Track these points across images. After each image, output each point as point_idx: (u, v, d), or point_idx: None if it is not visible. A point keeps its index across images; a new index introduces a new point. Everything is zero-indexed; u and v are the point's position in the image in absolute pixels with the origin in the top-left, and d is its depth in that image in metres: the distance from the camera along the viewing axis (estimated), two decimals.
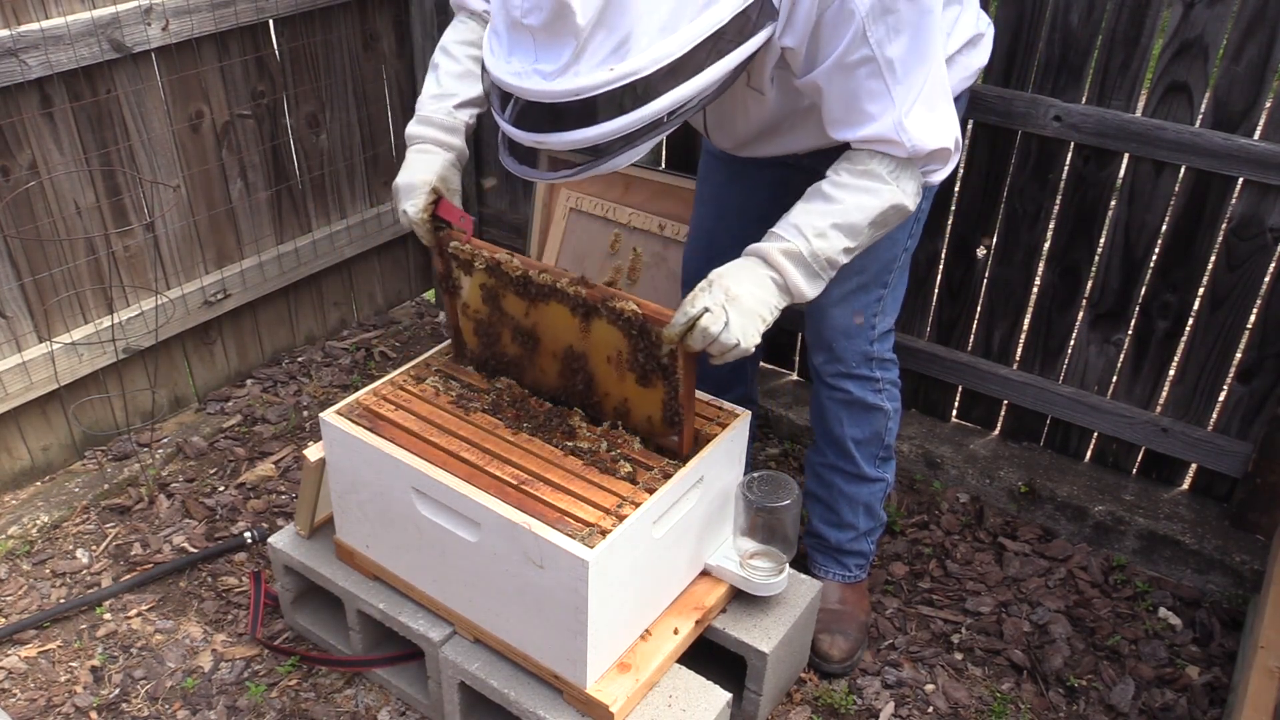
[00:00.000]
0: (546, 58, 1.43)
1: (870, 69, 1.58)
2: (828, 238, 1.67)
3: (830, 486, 2.25)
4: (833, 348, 2.10)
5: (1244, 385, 2.40)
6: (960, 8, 1.88)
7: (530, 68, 1.45)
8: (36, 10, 2.32)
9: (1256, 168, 2.19)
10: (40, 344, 2.56)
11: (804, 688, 2.20)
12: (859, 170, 1.69)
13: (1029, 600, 2.43)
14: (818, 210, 1.68)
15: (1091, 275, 2.50)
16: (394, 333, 3.39)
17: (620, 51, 1.41)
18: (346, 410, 1.98)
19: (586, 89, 1.42)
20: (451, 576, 1.91)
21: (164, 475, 2.74)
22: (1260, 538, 2.45)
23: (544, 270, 1.88)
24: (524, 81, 1.46)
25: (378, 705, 2.15)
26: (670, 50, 1.43)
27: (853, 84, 1.60)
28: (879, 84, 1.59)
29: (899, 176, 1.68)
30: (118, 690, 2.17)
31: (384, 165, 3.28)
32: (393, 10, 3.10)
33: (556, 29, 1.39)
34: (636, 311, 1.77)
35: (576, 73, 1.42)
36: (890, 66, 1.58)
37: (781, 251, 1.68)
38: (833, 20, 1.55)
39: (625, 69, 1.41)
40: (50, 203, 2.48)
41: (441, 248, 1.99)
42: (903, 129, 1.62)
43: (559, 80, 1.43)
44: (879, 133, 1.63)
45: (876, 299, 2.06)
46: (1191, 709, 2.18)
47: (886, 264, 2.03)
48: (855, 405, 2.15)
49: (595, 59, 1.41)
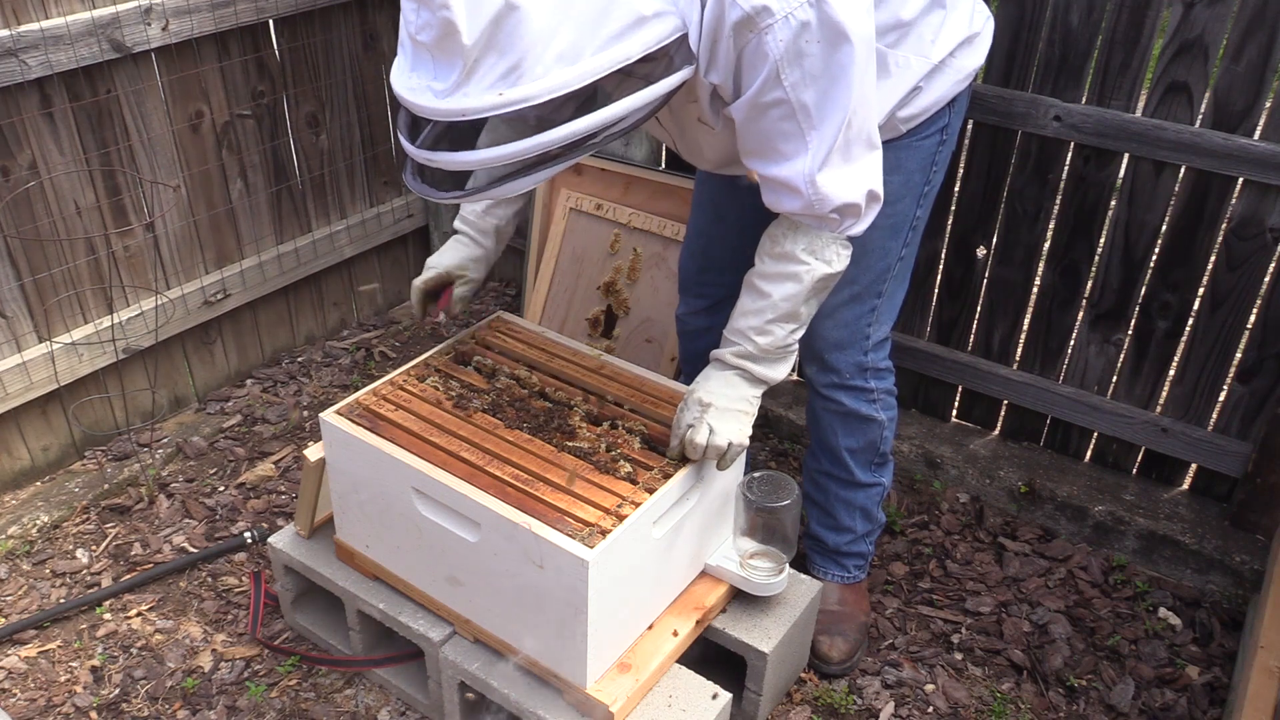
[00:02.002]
0: (440, 75, 1.42)
1: (783, 110, 1.56)
2: (770, 333, 1.78)
3: (826, 491, 2.25)
4: (825, 359, 2.08)
5: (1244, 385, 2.40)
6: (944, 11, 1.84)
7: (424, 84, 1.44)
8: (36, 10, 2.32)
9: (1256, 168, 2.19)
10: (40, 344, 2.57)
11: (804, 688, 2.20)
12: (778, 254, 1.74)
13: (1029, 600, 2.43)
14: (753, 310, 1.78)
15: (1091, 275, 2.50)
16: (394, 333, 3.39)
17: (511, 76, 1.39)
18: (346, 410, 1.98)
19: (474, 110, 1.41)
20: (451, 576, 1.91)
21: (164, 475, 2.74)
22: (1260, 538, 2.45)
23: (559, 388, 2.06)
24: (417, 97, 1.45)
25: (378, 705, 2.15)
26: (566, 80, 1.40)
27: (766, 123, 1.59)
28: (792, 125, 1.58)
29: (815, 250, 1.72)
30: (118, 690, 2.17)
31: (384, 165, 3.28)
32: (392, 10, 3.10)
33: (446, 47, 1.38)
34: (644, 433, 1.95)
35: (465, 93, 1.40)
36: (805, 110, 1.56)
37: (734, 355, 1.81)
38: (750, 59, 1.53)
39: (515, 95, 1.39)
40: (50, 203, 2.48)
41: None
42: (812, 184, 1.62)
43: (448, 99, 1.41)
44: (787, 177, 1.63)
45: (870, 309, 2.04)
46: (1191, 709, 2.18)
47: (880, 274, 2.00)
48: (849, 416, 2.13)
49: (485, 82, 1.39)
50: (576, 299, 2.90)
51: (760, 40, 1.50)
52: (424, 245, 3.52)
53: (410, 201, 3.38)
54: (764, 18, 1.48)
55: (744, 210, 2.11)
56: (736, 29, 1.50)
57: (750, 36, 1.50)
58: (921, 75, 1.83)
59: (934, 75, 1.84)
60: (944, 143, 1.95)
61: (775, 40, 1.49)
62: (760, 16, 1.47)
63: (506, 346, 2.17)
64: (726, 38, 1.51)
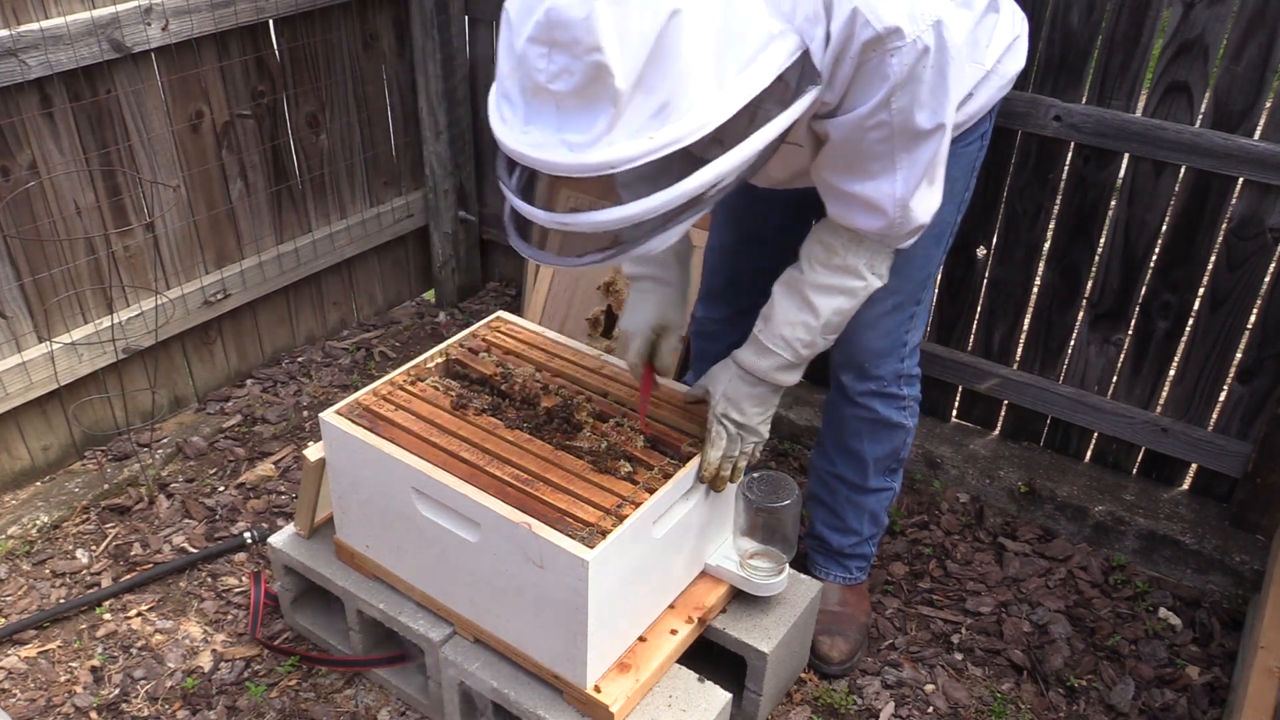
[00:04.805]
0: (575, 126, 1.24)
1: (883, 132, 1.52)
2: (815, 345, 1.77)
3: (836, 493, 2.24)
4: (865, 368, 2.05)
5: (1244, 385, 2.40)
6: (997, 15, 1.79)
7: (556, 138, 1.25)
8: (36, 10, 2.32)
9: (1256, 168, 2.19)
10: (40, 344, 2.57)
11: (804, 688, 2.20)
12: (836, 265, 1.68)
13: (1029, 600, 2.43)
14: (799, 321, 1.74)
15: (1091, 275, 2.50)
16: (394, 333, 3.39)
17: (661, 116, 1.23)
18: (346, 410, 1.98)
19: (624, 161, 1.24)
20: (451, 576, 1.91)
21: (164, 475, 2.74)
22: (1260, 538, 2.45)
23: (560, 387, 2.04)
24: (548, 154, 1.26)
25: (378, 705, 2.15)
26: (714, 116, 1.27)
27: (864, 143, 1.54)
28: (887, 146, 1.54)
29: (875, 265, 1.70)
30: (118, 690, 2.17)
31: (384, 165, 3.28)
32: (392, 10, 3.10)
33: (590, 94, 1.21)
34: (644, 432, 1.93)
35: (611, 142, 1.23)
36: (905, 134, 1.52)
37: (771, 366, 1.79)
38: (867, 77, 1.46)
39: (666, 137, 1.24)
40: (50, 203, 2.48)
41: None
42: (903, 207, 1.59)
43: (590, 152, 1.24)
44: (872, 197, 1.59)
45: (910, 316, 2.01)
46: (1191, 709, 2.18)
47: (921, 282, 1.98)
48: (879, 423, 2.12)
49: (632, 126, 1.23)
50: (576, 299, 2.90)
51: (883, 61, 1.43)
52: (424, 245, 3.53)
53: (410, 201, 3.38)
54: (894, 39, 1.42)
55: (770, 226, 2.09)
56: (864, 47, 1.42)
57: (874, 55, 1.43)
58: (975, 81, 1.78)
59: (984, 81, 1.80)
60: (983, 149, 1.93)
61: (899, 63, 1.44)
62: (891, 38, 1.41)
63: (506, 346, 2.17)
64: (851, 56, 1.44)
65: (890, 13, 1.41)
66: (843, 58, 1.44)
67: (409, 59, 3.21)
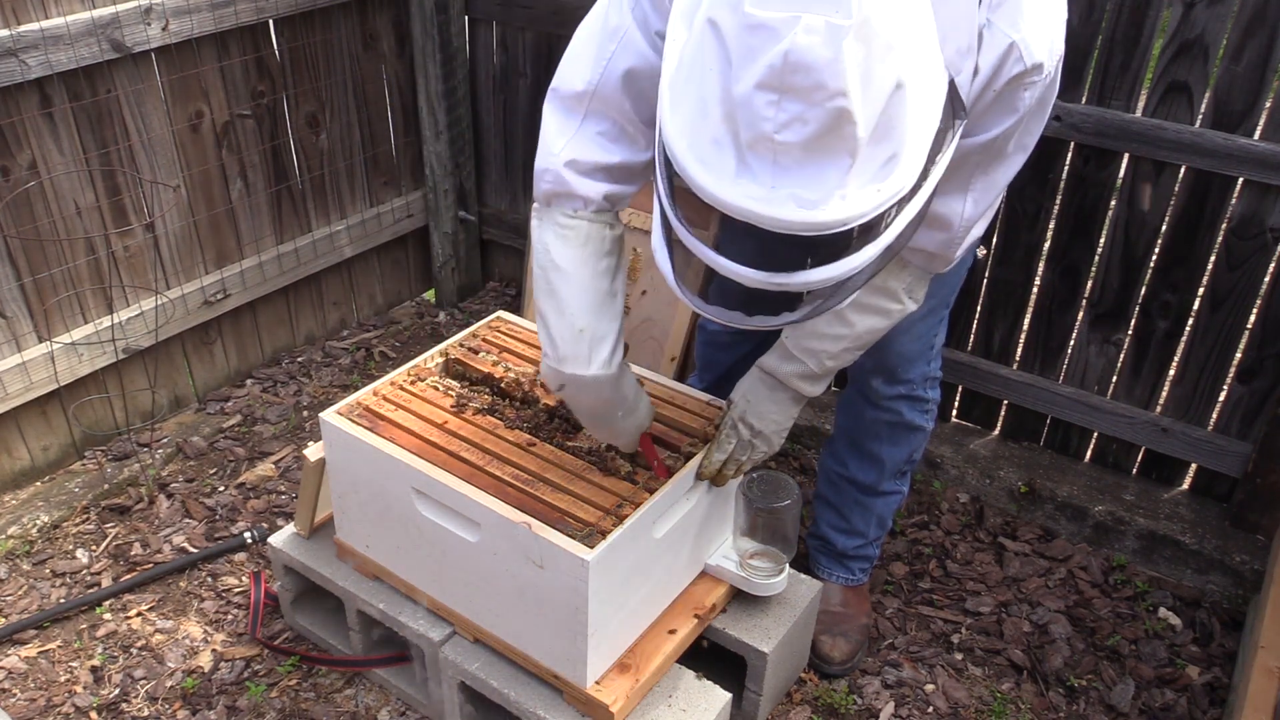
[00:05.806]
0: (803, 181, 1.12)
1: (985, 156, 1.50)
2: (841, 359, 1.77)
3: (844, 495, 2.23)
4: (895, 372, 2.05)
5: (1244, 385, 2.40)
6: None
7: (782, 192, 1.12)
8: (36, 10, 2.32)
9: (1256, 168, 2.19)
10: (40, 344, 2.56)
11: (804, 688, 2.20)
12: (875, 286, 1.61)
13: (1029, 600, 2.43)
14: (830, 335, 1.71)
15: (1091, 275, 2.50)
16: (394, 333, 3.39)
17: (889, 166, 1.14)
18: (346, 410, 1.98)
19: (857, 216, 1.13)
20: (451, 576, 1.91)
21: (164, 475, 2.74)
22: (1260, 538, 2.45)
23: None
24: (774, 210, 1.12)
25: (378, 705, 2.15)
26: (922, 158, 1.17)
27: (957, 166, 1.45)
28: (972, 170, 1.52)
29: (913, 289, 1.69)
30: (118, 690, 2.17)
31: (384, 165, 3.28)
32: (392, 10, 3.10)
33: (825, 145, 1.10)
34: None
35: (844, 197, 1.12)
36: (999, 159, 1.52)
37: (796, 374, 1.78)
38: (1000, 108, 1.43)
39: (891, 188, 1.15)
40: (50, 203, 2.48)
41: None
42: (970, 228, 1.59)
43: (824, 208, 1.12)
44: (942, 212, 1.56)
45: (940, 320, 2.03)
46: (1191, 709, 2.18)
47: (954, 287, 2.00)
48: (900, 426, 2.12)
49: (864, 178, 1.13)
50: None
51: (1016, 94, 1.42)
52: (424, 245, 3.53)
53: (410, 201, 3.38)
54: (1035, 74, 1.41)
55: None
56: (1010, 81, 1.40)
57: (1013, 89, 1.42)
58: None
59: None
60: None
61: (1030, 97, 1.43)
62: (1034, 72, 1.40)
63: (507, 346, 2.17)
64: (995, 89, 1.41)
65: (1039, 48, 1.40)
66: (986, 91, 1.40)
67: (409, 59, 3.21)
